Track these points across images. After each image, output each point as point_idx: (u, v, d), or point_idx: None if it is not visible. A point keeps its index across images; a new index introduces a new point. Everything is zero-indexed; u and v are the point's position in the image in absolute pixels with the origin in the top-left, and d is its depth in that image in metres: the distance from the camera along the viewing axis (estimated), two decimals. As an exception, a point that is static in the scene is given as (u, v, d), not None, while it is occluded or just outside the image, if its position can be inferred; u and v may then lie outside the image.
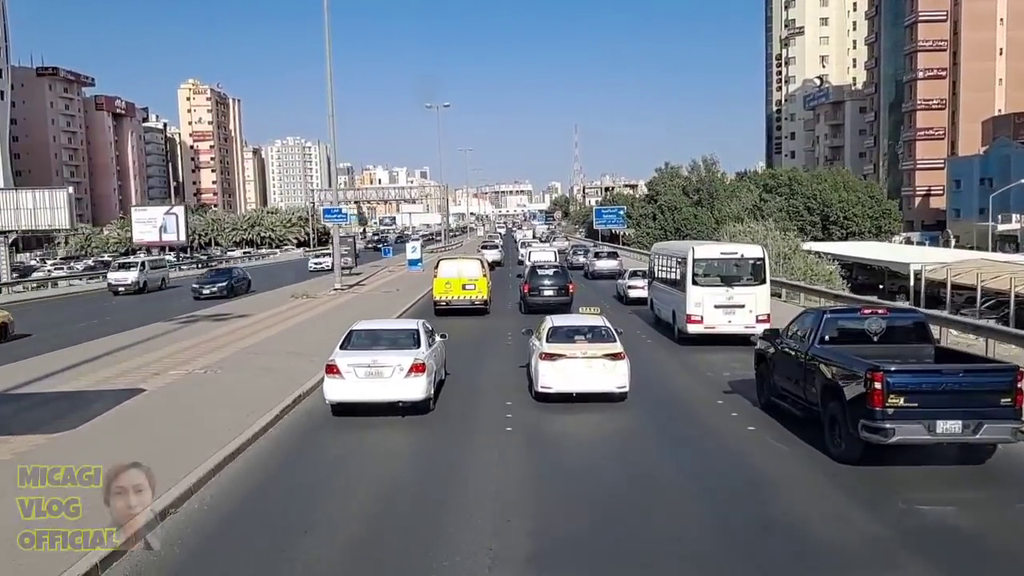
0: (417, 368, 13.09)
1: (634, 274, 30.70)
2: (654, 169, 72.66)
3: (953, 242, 63.23)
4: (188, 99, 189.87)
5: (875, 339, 11.88)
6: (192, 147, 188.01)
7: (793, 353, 12.38)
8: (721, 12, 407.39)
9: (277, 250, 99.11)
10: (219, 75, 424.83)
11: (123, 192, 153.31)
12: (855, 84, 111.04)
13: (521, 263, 45.04)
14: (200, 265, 69.65)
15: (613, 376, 14.05)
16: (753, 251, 21.21)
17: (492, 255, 51.68)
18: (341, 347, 13.83)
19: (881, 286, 44.30)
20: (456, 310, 27.30)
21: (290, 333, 23.94)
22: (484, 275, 27.88)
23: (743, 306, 19.88)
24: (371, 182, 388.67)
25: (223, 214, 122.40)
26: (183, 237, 72.26)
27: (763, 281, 20.31)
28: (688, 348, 20.31)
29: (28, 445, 11.36)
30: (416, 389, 13.11)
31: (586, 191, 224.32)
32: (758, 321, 19.24)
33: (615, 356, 14.19)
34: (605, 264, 44.43)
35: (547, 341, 14.65)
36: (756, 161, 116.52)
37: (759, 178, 69.03)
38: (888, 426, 9.90)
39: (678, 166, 69.97)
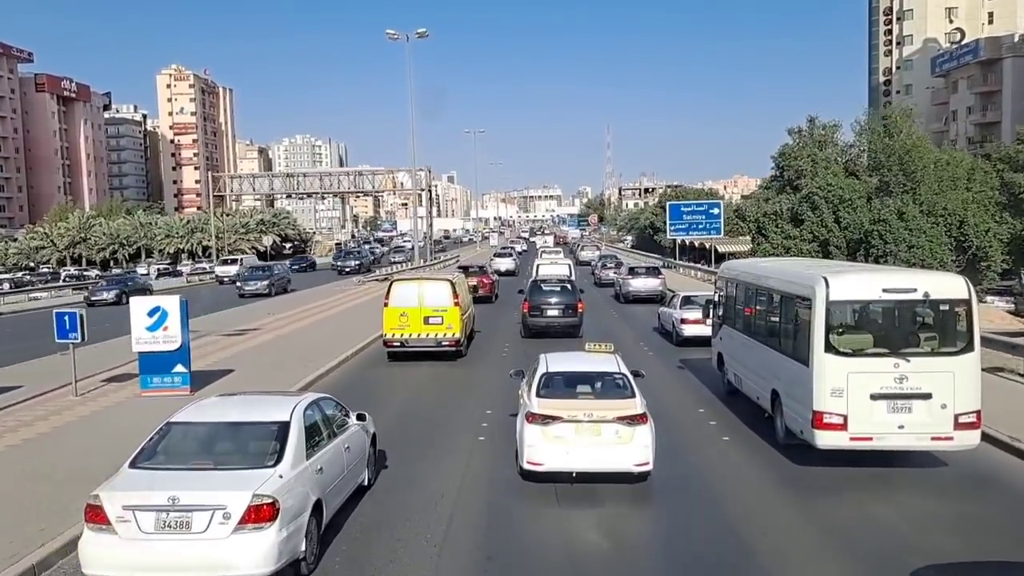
0: (258, 514, 6.94)
1: (689, 301, 21.17)
2: (786, 131, 41.64)
3: None
4: (168, 86, 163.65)
5: None
6: (173, 141, 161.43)
7: None
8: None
9: (206, 263, 69.14)
10: (228, 72, 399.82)
11: (73, 190, 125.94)
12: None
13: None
14: None
15: (630, 449, 9.66)
16: (949, 285, 10.93)
17: (505, 264, 48.24)
18: (133, 463, 7.55)
19: None
20: (416, 354, 19.13)
21: None
22: (456, 303, 19.34)
23: (929, 395, 10.18)
24: (393, 185, 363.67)
25: (158, 217, 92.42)
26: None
27: (969, 345, 10.40)
28: (817, 476, 10.37)
29: None
30: (253, 557, 6.92)
31: (622, 192, 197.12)
32: (958, 426, 10.18)
33: (633, 419, 9.75)
34: (643, 284, 32.57)
35: (538, 393, 10.21)
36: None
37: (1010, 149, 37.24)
38: None
39: (834, 124, 38.54)
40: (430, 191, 57.80)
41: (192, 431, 8.08)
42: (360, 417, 9.84)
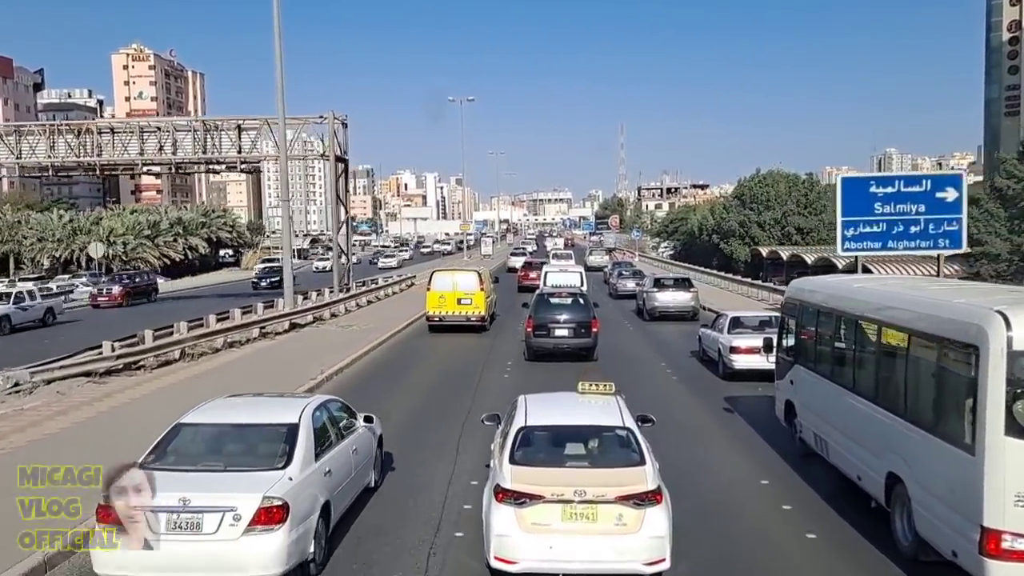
0: (268, 516, 6.92)
1: (739, 323, 17.20)
2: None
3: None
4: (125, 67, 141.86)
5: None
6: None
7: None
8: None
9: (77, 281, 46.15)
10: (218, 62, 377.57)
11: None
12: None
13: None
14: None
15: (638, 540, 6.75)
16: None
17: (519, 262, 49.72)
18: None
19: None
20: (450, 326, 24.31)
21: None
22: (482, 288, 24.94)
23: None
24: (397, 188, 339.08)
25: (29, 214, 68.67)
26: None
27: None
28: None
29: None
30: (263, 558, 6.91)
31: (641, 193, 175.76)
32: None
33: (642, 499, 6.84)
34: (671, 298, 27.60)
35: (512, 458, 7.31)
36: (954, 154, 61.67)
37: None
38: None
39: None
40: (345, 162, 34.54)
41: (201, 432, 8.06)
42: (368, 419, 9.84)
